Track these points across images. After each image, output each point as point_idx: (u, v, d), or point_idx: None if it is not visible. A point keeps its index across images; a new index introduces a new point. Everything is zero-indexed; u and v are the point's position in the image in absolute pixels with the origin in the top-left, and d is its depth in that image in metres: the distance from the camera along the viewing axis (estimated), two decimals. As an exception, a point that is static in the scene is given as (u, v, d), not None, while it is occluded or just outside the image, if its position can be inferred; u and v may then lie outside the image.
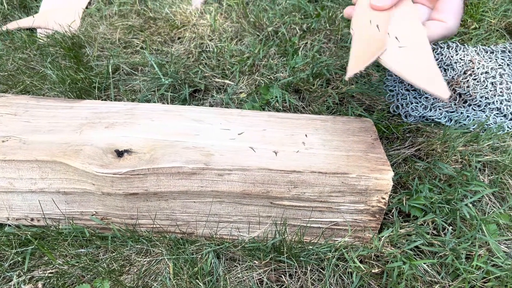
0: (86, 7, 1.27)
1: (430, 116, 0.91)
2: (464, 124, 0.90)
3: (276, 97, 0.94)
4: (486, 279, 0.66)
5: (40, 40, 1.13)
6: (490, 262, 0.68)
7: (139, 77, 1.02)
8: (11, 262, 0.70)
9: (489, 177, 0.80)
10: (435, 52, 1.03)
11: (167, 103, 0.96)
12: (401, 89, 0.97)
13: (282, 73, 1.00)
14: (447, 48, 1.04)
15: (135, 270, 0.69)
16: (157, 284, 0.67)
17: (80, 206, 0.73)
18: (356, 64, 0.59)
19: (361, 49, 0.60)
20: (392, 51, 0.60)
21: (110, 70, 1.02)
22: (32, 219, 0.75)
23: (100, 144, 0.71)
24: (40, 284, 0.67)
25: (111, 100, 0.98)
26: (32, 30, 1.22)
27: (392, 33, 0.62)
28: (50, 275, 0.68)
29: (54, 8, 1.28)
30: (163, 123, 0.77)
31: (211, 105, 0.98)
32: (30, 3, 1.34)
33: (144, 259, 0.70)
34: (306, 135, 0.75)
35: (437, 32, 0.64)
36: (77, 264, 0.69)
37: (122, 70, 1.05)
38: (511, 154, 0.81)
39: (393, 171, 0.67)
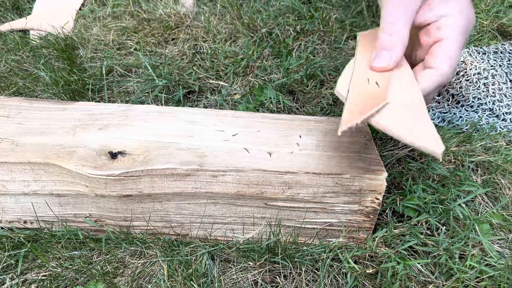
0: (80, 9, 1.27)
1: None
2: (457, 125, 0.90)
3: (270, 98, 0.94)
4: (480, 279, 0.67)
5: (33, 42, 1.12)
6: (483, 262, 0.68)
7: (133, 79, 1.02)
8: (4, 265, 0.69)
9: (482, 177, 0.81)
10: None
11: (161, 105, 0.96)
12: None
13: (276, 74, 1.00)
14: None
15: (129, 272, 0.69)
16: (151, 286, 0.67)
17: (73, 208, 0.73)
18: (351, 117, 0.53)
19: (358, 103, 0.56)
20: (386, 111, 0.55)
21: (103, 72, 1.02)
22: (25, 222, 0.74)
23: (93, 146, 0.71)
24: (33, 287, 0.67)
25: (105, 102, 0.97)
26: (25, 31, 1.21)
27: (389, 91, 0.57)
28: (43, 278, 0.68)
29: (47, 9, 1.27)
30: (157, 124, 0.76)
31: (205, 107, 0.98)
32: (23, 5, 1.33)
33: (138, 261, 0.70)
34: (300, 136, 0.75)
35: (431, 81, 0.59)
36: (70, 266, 0.69)
37: (116, 71, 1.05)
38: (503, 154, 0.82)
39: (387, 171, 0.67)
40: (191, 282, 0.66)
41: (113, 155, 0.70)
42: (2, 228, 0.74)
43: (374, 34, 0.64)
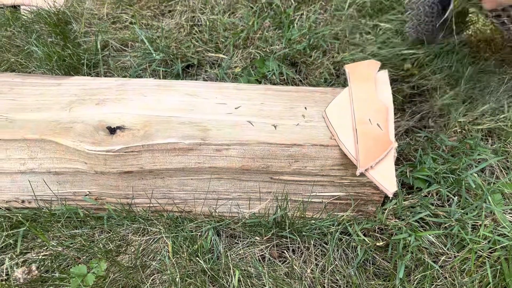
0: (71, -18, 1.22)
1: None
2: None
3: (273, 70, 0.91)
4: (493, 249, 0.65)
5: (24, 17, 1.08)
6: (496, 232, 0.67)
7: (130, 53, 0.99)
8: (3, 245, 0.67)
9: (492, 146, 0.78)
10: None
11: (160, 79, 0.93)
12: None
13: (278, 45, 0.97)
14: None
15: (133, 250, 0.67)
16: (156, 263, 0.65)
17: (72, 186, 0.70)
18: (366, 160, 0.63)
19: (369, 146, 0.64)
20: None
21: (98, 46, 0.98)
22: (23, 201, 0.72)
23: (91, 121, 0.68)
24: (34, 267, 0.65)
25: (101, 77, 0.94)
26: (15, 7, 1.16)
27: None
28: (44, 257, 0.66)
29: (37, -17, 1.22)
30: (156, 98, 0.73)
31: (205, 80, 0.94)
32: (11, -21, 1.28)
33: (142, 238, 0.68)
34: (305, 108, 0.73)
35: None
36: (71, 245, 0.67)
37: (111, 46, 1.01)
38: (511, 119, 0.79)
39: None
40: (197, 258, 0.64)
41: (112, 130, 0.67)
42: (-1, 208, 0.72)
43: (361, 67, 0.74)
